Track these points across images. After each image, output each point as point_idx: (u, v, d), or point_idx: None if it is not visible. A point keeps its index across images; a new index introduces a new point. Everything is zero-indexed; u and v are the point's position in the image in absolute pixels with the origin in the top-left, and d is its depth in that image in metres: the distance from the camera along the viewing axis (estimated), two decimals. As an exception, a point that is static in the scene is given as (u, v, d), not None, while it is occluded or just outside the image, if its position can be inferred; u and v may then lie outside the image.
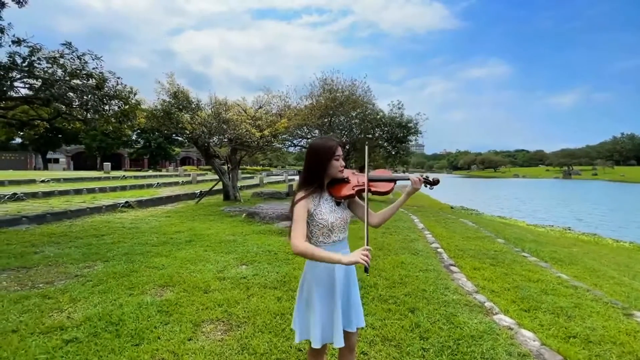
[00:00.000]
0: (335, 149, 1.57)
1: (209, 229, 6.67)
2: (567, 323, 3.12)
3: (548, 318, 3.20)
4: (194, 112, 10.14)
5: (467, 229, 8.26)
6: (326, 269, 1.60)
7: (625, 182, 54.96)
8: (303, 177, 1.63)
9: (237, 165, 12.56)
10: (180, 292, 3.41)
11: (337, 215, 1.60)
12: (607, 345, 2.74)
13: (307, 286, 1.62)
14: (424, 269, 4.32)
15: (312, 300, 1.59)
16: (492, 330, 2.74)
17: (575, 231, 11.13)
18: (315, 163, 1.58)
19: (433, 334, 2.64)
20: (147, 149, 37.17)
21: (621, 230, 12.58)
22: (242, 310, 3.03)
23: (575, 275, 4.97)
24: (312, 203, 1.58)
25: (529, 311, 3.36)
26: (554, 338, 2.82)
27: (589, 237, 10.07)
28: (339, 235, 1.62)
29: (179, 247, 5.23)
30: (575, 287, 4.14)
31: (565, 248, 7.54)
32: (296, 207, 1.53)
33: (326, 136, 1.65)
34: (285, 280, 3.79)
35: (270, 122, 11.21)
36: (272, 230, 6.59)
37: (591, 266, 5.79)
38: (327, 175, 1.61)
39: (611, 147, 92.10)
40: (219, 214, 8.62)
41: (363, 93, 13.32)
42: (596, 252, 7.63)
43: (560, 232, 10.82)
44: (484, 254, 5.52)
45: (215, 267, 4.22)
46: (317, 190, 1.60)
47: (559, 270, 5.02)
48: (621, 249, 8.64)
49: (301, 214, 1.52)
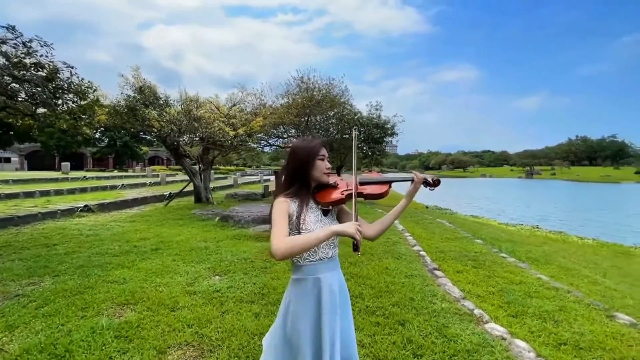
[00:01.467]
0: (319, 149, 1.36)
1: (178, 235, 6.18)
2: (555, 329, 3.05)
3: (536, 324, 3.12)
4: (162, 109, 9.48)
5: (445, 229, 8.30)
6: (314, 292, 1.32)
7: (580, 182, 59.08)
8: (284, 181, 1.39)
9: (210, 165, 11.97)
10: (144, 311, 3.00)
11: (325, 225, 1.34)
12: (598, 352, 2.68)
13: (293, 321, 1.32)
14: (409, 274, 4.16)
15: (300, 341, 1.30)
16: (486, 342, 2.59)
17: (543, 229, 11.60)
18: (297, 164, 1.36)
19: (427, 350, 2.45)
20: (111, 148, 35.00)
21: (582, 229, 13.29)
22: (215, 331, 2.68)
23: (552, 275, 5.03)
24: (293, 209, 1.32)
25: (517, 317, 3.28)
26: (545, 346, 2.73)
27: (556, 235, 10.51)
28: (326, 252, 1.36)
29: (143, 256, 4.75)
30: (557, 289, 4.14)
31: (538, 247, 7.75)
32: (273, 211, 1.28)
33: (308, 137, 1.47)
34: (263, 292, 3.47)
35: (244, 121, 10.75)
36: (247, 235, 6.21)
37: (565, 265, 5.94)
38: (311, 178, 1.37)
39: (567, 148, 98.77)
40: (190, 218, 8.08)
41: (340, 93, 13.19)
42: (565, 250, 7.90)
43: (530, 230, 11.23)
44: (465, 255, 5.48)
45: (185, 279, 3.82)
46: (300, 196, 1.35)
47: (538, 271, 5.06)
48: (586, 246, 9.05)
49: (280, 216, 1.27)
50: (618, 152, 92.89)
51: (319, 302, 1.31)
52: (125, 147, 35.05)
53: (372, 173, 1.57)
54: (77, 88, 6.00)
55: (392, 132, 14.06)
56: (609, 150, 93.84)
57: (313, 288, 1.33)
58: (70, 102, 5.98)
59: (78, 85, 6.02)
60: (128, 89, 9.51)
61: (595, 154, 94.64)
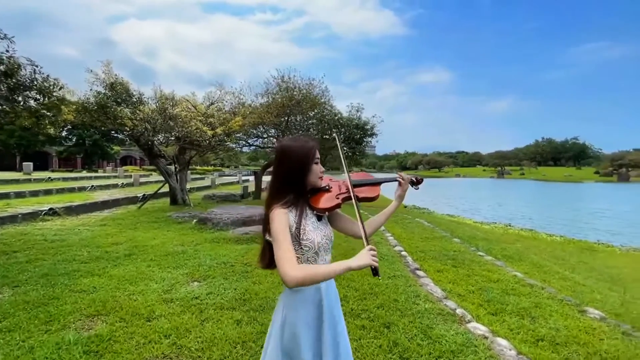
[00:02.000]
0: (315, 151, 1.26)
1: (153, 239, 5.91)
2: (532, 325, 3.15)
3: (515, 321, 3.21)
4: (136, 107, 9.05)
5: (424, 229, 8.46)
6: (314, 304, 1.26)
7: (546, 181, 62.39)
8: (275, 188, 1.27)
9: (186, 165, 11.59)
10: (116, 322, 2.81)
11: (321, 233, 1.28)
12: (573, 347, 2.78)
13: (291, 333, 1.24)
14: (392, 275, 4.18)
15: (301, 352, 1.22)
16: (469, 342, 2.62)
17: (516, 227, 12.11)
18: (292, 169, 1.25)
19: (413, 352, 2.44)
20: (80, 147, 33.20)
21: (549, 226, 14.00)
22: (195, 341, 2.56)
23: (526, 272, 5.22)
24: (292, 219, 1.23)
25: (497, 314, 3.36)
26: (524, 343, 2.80)
27: (527, 232, 11.00)
28: (324, 258, 1.29)
29: (115, 262, 4.49)
30: (531, 286, 4.30)
31: (511, 244, 8.05)
32: (276, 222, 1.17)
33: (300, 136, 1.34)
34: (245, 298, 3.36)
35: (223, 120, 10.48)
36: (227, 237, 6.04)
37: (537, 262, 6.19)
38: (307, 183, 1.28)
39: (534, 149, 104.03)
40: (166, 221, 7.76)
41: (321, 93, 13.15)
42: (536, 247, 8.27)
43: (503, 228, 11.68)
44: (444, 254, 5.59)
45: (161, 287, 3.63)
46: (296, 203, 1.25)
47: (513, 268, 5.24)
48: (555, 242, 9.52)
49: (284, 233, 1.16)
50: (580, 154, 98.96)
51: (321, 311, 1.25)
52: (95, 146, 33.36)
53: (360, 174, 1.52)
54: (41, 85, 5.60)
55: (371, 133, 14.22)
56: (572, 151, 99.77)
57: (314, 296, 1.26)
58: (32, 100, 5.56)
59: (42, 83, 5.62)
60: (98, 85, 9.01)
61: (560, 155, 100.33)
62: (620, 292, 5.12)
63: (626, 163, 67.50)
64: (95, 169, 31.39)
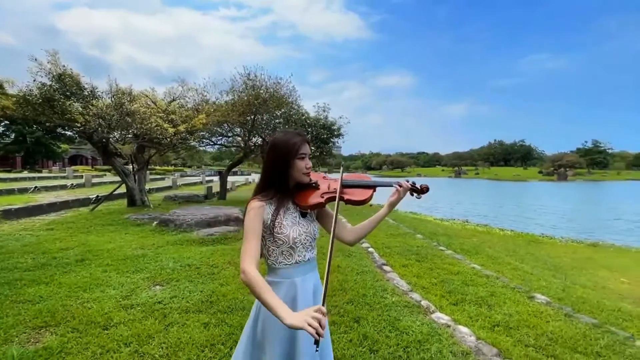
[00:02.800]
0: (299, 146, 1.26)
1: (109, 243, 5.51)
2: (489, 312, 3.38)
3: (474, 309, 3.42)
4: (88, 101, 8.38)
5: (389, 226, 8.73)
6: (288, 295, 1.24)
7: (498, 180, 67.24)
8: (262, 180, 1.29)
9: (145, 165, 10.95)
10: (68, 332, 2.59)
11: (301, 229, 1.27)
12: (524, 330, 3.03)
13: (263, 324, 1.24)
14: (360, 271, 4.27)
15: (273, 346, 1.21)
16: (434, 331, 2.75)
17: (472, 223, 12.92)
18: (275, 163, 1.26)
19: (382, 344, 2.51)
20: (20, 145, 30.13)
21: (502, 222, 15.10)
22: (159, 347, 2.43)
23: (483, 264, 5.59)
24: (268, 212, 1.24)
25: (457, 304, 3.56)
26: (483, 329, 3.00)
27: (482, 228, 11.78)
28: (303, 255, 1.28)
29: (65, 269, 4.13)
30: (487, 276, 4.61)
31: (469, 239, 8.58)
32: (247, 218, 1.19)
33: (290, 130, 1.34)
34: (212, 300, 3.25)
35: (185, 117, 10.04)
36: (191, 239, 5.80)
37: (491, 254, 6.65)
38: (290, 178, 1.28)
39: (487, 151, 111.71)
40: (123, 223, 7.28)
41: (288, 92, 13.05)
42: (490, 241, 8.88)
43: (461, 224, 12.41)
44: (409, 250, 5.81)
45: (119, 292, 3.40)
46: (277, 197, 1.27)
47: (471, 261, 5.59)
48: (506, 236, 10.30)
49: (253, 228, 1.17)
50: (526, 155, 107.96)
51: (295, 307, 1.23)
52: (38, 144, 30.47)
53: (359, 175, 1.47)
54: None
55: (338, 134, 14.39)
56: (519, 153, 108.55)
57: (288, 292, 1.25)
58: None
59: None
60: (43, 76, 8.20)
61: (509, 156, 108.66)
62: (562, 278, 5.66)
63: (564, 163, 74.74)
64: (38, 169, 28.61)
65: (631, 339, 3.03)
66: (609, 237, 11.35)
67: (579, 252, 8.54)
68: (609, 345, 2.81)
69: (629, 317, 3.73)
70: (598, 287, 5.55)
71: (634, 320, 3.66)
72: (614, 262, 7.64)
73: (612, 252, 8.73)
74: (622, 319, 3.63)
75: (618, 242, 10.42)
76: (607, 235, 12.13)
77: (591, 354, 2.66)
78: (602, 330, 3.10)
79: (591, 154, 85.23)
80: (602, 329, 3.15)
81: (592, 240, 10.47)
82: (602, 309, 3.89)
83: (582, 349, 2.71)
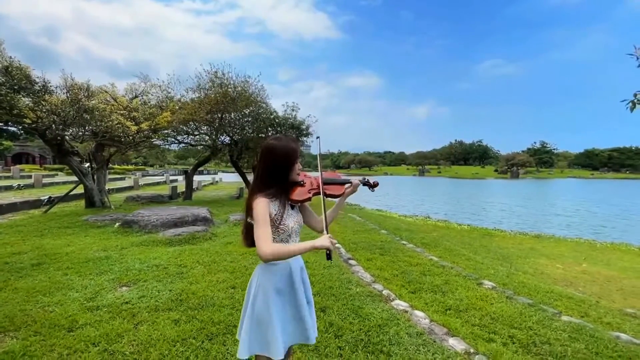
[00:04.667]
0: (298, 151, 1.51)
1: (67, 246, 5.27)
2: (443, 298, 3.74)
3: (429, 296, 3.77)
4: (39, 97, 7.84)
5: (356, 223, 9.07)
6: (284, 273, 1.53)
7: (458, 178, 71.18)
8: (261, 181, 1.49)
9: (105, 164, 10.42)
10: (30, 336, 2.54)
11: (294, 219, 1.56)
12: (472, 312, 3.41)
13: (263, 297, 1.47)
14: (328, 265, 4.49)
15: (271, 313, 1.45)
16: (393, 316, 3.03)
17: (433, 219, 13.69)
18: (279, 166, 1.48)
19: (346, 330, 2.74)
20: (-47, 141, 27.04)
21: (459, 217, 16.14)
22: (129, 345, 2.47)
23: (440, 256, 6.05)
24: (274, 208, 1.47)
25: (415, 292, 3.90)
26: (436, 313, 3.33)
27: (442, 223, 12.55)
28: (295, 240, 1.57)
29: (20, 274, 3.93)
30: (443, 267, 5.03)
31: (429, 233, 9.15)
32: (257, 208, 1.40)
33: (285, 136, 1.56)
34: (181, 299, 3.30)
35: (149, 115, 9.70)
36: (157, 240, 5.70)
37: (449, 247, 7.18)
38: (289, 178, 1.53)
39: (448, 150, 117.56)
40: (82, 225, 6.94)
41: (257, 91, 12.98)
42: (449, 235, 9.53)
43: (423, 220, 13.12)
44: (373, 245, 6.14)
45: (83, 295, 3.34)
46: (277, 195, 1.50)
47: (430, 253, 6.03)
48: (463, 230, 11.08)
49: (264, 217, 1.39)
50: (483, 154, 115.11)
51: (291, 279, 1.52)
52: (-24, 141, 27.52)
53: (333, 172, 1.78)
54: None
55: (307, 133, 14.55)
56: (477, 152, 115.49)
57: (283, 269, 1.52)
58: None
59: None
60: (-15, 68, 7.54)
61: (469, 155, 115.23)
62: (507, 266, 6.28)
63: (516, 162, 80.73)
64: (-24, 168, 25.91)
65: (558, 314, 3.52)
66: (549, 230, 12.60)
67: (524, 243, 9.42)
68: (539, 320, 3.26)
69: (559, 297, 4.29)
70: (537, 272, 6.23)
71: (563, 299, 4.23)
72: (552, 251, 8.55)
73: (551, 242, 9.73)
74: (553, 299, 4.17)
75: (557, 233, 11.60)
76: (548, 228, 13.45)
77: (524, 328, 3.08)
78: (535, 309, 3.57)
79: (539, 154, 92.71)
80: (535, 307, 3.62)
81: (536, 232, 11.56)
82: (538, 291, 4.43)
83: (518, 325, 3.12)
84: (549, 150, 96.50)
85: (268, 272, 1.51)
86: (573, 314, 3.73)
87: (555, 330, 3.09)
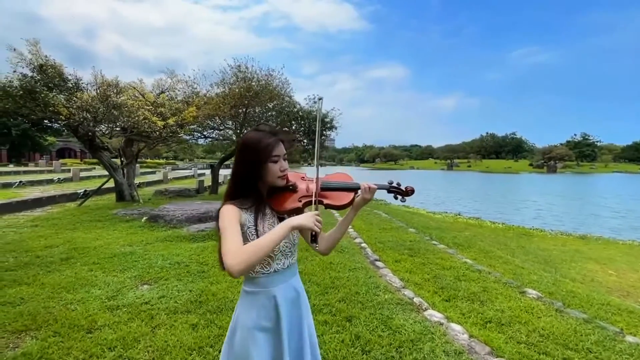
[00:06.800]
0: (272, 148, 1.12)
1: (96, 240, 5.38)
2: (481, 308, 3.37)
3: (466, 305, 3.41)
4: (72, 93, 8.10)
5: (382, 220, 8.72)
6: (267, 305, 1.16)
7: (490, 173, 68.06)
8: (230, 186, 1.17)
9: (134, 159, 10.72)
10: (49, 337, 2.50)
11: None
12: (516, 326, 3.02)
13: (242, 334, 1.15)
14: (353, 267, 4.23)
15: (251, 357, 1.13)
16: (427, 329, 2.72)
17: (464, 216, 13.01)
18: (245, 166, 1.14)
19: (375, 344, 2.47)
20: (5, 137, 29.31)
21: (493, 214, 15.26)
22: (145, 351, 2.35)
23: (475, 258, 5.60)
24: (246, 218, 1.13)
25: (450, 300, 3.55)
26: (475, 326, 2.98)
27: (474, 221, 11.87)
28: (282, 262, 1.19)
29: (49, 268, 4.00)
30: (479, 271, 4.61)
31: (461, 232, 8.62)
32: (223, 218, 1.07)
33: (264, 126, 1.19)
34: (201, 300, 3.17)
35: (175, 110, 9.81)
36: (181, 236, 5.69)
37: (483, 248, 6.68)
38: (263, 183, 1.17)
39: (479, 144, 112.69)
40: (111, 219, 7.12)
41: (280, 84, 12.82)
42: (482, 235, 8.94)
43: (453, 217, 12.48)
44: (401, 244, 5.80)
45: (105, 292, 3.30)
46: (250, 203, 1.16)
47: (463, 255, 5.59)
48: (497, 229, 10.40)
49: (230, 221, 1.06)
50: (517, 147, 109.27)
51: (278, 315, 1.16)
52: (24, 137, 29.71)
53: (340, 174, 1.31)
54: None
55: (331, 126, 14.25)
56: (510, 145, 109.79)
57: (267, 302, 1.17)
58: None
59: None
60: (24, 66, 7.89)
61: (501, 149, 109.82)
62: (552, 272, 5.72)
63: (554, 156, 75.91)
64: (24, 163, 27.94)
65: (621, 334, 3.05)
66: (595, 230, 11.56)
67: (568, 244, 8.66)
68: (599, 341, 2.82)
69: (618, 311, 3.77)
70: (587, 280, 5.63)
71: (623, 314, 3.70)
72: (601, 254, 7.77)
73: (599, 245, 8.88)
74: (611, 313, 3.67)
75: (606, 234, 10.61)
76: (594, 228, 12.36)
77: (582, 350, 2.66)
78: (592, 326, 3.11)
79: (580, 147, 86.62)
80: (592, 324, 3.17)
81: (581, 232, 10.63)
82: (592, 303, 3.92)
83: (573, 345, 2.71)
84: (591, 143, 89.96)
85: (247, 305, 1.17)
86: (637, 332, 3.24)
87: (619, 353, 2.65)
